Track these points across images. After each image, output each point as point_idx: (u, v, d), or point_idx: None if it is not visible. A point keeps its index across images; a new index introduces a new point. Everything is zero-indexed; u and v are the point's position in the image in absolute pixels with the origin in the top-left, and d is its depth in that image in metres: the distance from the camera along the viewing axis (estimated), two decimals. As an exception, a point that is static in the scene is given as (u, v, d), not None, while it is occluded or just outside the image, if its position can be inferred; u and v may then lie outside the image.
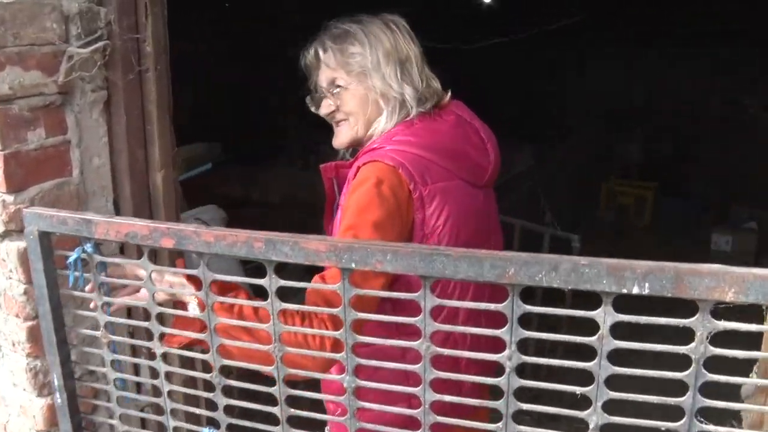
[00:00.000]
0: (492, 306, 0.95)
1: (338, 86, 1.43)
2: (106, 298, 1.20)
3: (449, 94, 1.50)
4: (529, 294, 0.93)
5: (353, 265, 0.97)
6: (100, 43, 1.32)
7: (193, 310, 1.17)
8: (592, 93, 8.92)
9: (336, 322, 1.10)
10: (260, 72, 6.78)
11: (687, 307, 0.92)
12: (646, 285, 0.87)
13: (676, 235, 6.87)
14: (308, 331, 1.12)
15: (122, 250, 1.48)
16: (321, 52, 1.44)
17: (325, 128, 1.57)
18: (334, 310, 1.03)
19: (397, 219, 1.29)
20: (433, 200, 1.32)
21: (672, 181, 7.70)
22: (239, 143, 6.42)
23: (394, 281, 1.30)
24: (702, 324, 0.86)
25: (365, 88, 1.42)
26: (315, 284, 1.13)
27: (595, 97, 8.86)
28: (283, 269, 1.02)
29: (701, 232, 6.80)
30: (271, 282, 1.03)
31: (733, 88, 7.82)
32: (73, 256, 1.16)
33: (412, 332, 1.02)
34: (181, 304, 1.21)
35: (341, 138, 1.49)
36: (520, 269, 0.91)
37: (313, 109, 1.51)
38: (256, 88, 7.13)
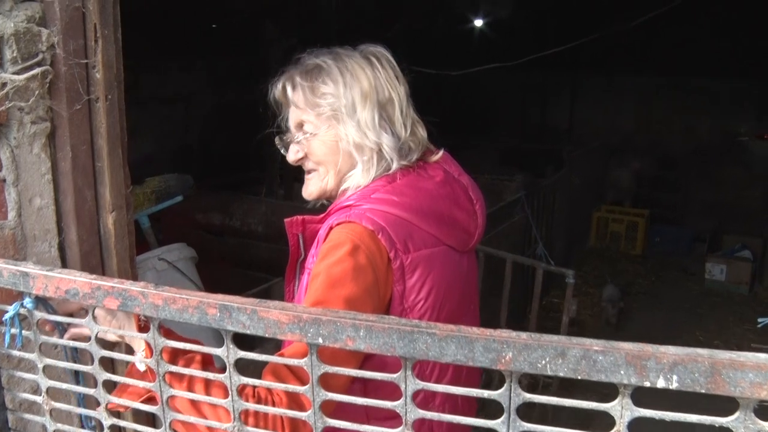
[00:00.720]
0: (486, 393, 0.79)
1: (307, 132, 1.25)
2: (48, 360, 1.04)
3: (441, 152, 1.32)
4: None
5: (320, 341, 0.81)
6: (38, 69, 1.16)
7: (139, 364, 1.02)
8: (584, 121, 8.92)
9: (298, 404, 0.94)
10: (242, 97, 6.69)
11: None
12: (674, 378, 0.70)
13: (668, 263, 6.78)
14: (271, 410, 0.93)
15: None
16: (289, 89, 1.27)
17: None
18: (300, 388, 0.86)
19: (374, 293, 1.11)
20: (415, 270, 1.15)
21: (663, 209, 7.64)
22: (218, 170, 6.28)
23: (367, 356, 1.12)
24: (744, 425, 0.70)
25: (336, 136, 1.23)
26: (276, 358, 0.95)
27: (587, 126, 8.85)
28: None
29: (694, 260, 6.72)
30: (228, 353, 0.88)
31: (724, 118, 7.81)
32: (8, 312, 1.03)
33: (385, 417, 0.89)
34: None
35: (309, 189, 1.31)
36: (520, 354, 0.75)
37: (282, 152, 1.35)
38: (236, 113, 7.03)
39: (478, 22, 7.75)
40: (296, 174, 4.40)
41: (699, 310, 5.59)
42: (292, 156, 1.30)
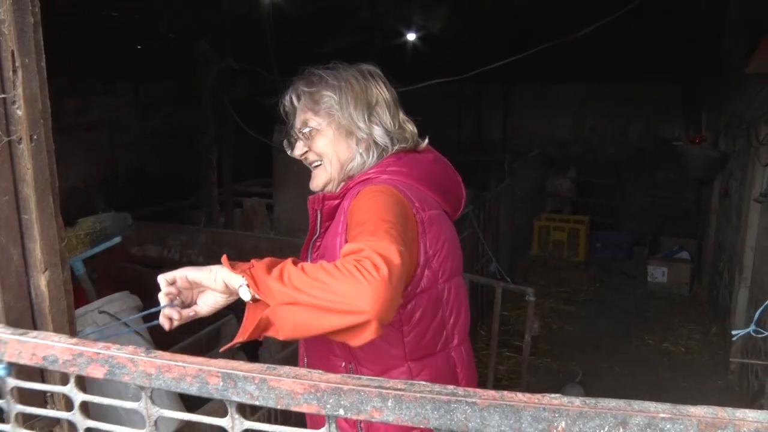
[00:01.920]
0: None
1: (309, 127, 1.48)
2: (24, 432, 0.93)
3: (426, 140, 1.57)
4: None
5: (341, 412, 0.71)
6: (-55, 110, 0.96)
7: (244, 295, 1.14)
8: (519, 131, 9.02)
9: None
10: (172, 120, 6.42)
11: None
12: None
13: (611, 268, 6.87)
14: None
15: None
16: (294, 98, 1.51)
17: (248, 178, 1.31)
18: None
19: (409, 225, 1.29)
20: (432, 225, 1.37)
21: (603, 216, 7.77)
22: (151, 199, 5.97)
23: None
24: None
25: (334, 128, 1.46)
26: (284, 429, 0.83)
27: (523, 135, 8.95)
28: None
29: (635, 264, 6.84)
30: (233, 425, 0.79)
31: (653, 123, 8.05)
32: None
33: (422, 356, 1.40)
34: None
35: (317, 180, 1.51)
36: (574, 423, 0.65)
37: (288, 152, 1.55)
38: (168, 137, 6.74)
39: (411, 37, 7.71)
40: (237, 200, 4.20)
41: (645, 313, 5.66)
42: (297, 151, 1.52)
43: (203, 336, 2.54)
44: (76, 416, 0.89)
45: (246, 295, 1.13)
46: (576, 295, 6.12)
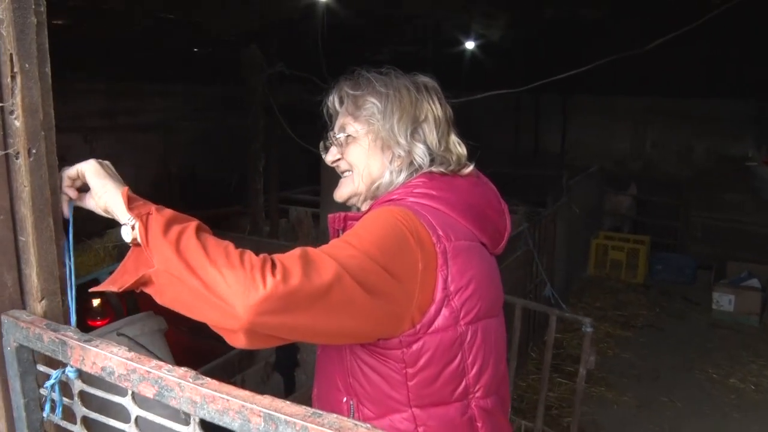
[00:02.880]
0: None
1: (346, 134, 1.36)
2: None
3: (472, 165, 1.39)
4: None
5: None
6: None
7: (126, 236, 1.04)
8: (577, 144, 8.71)
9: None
10: (224, 124, 6.39)
11: None
12: None
13: (672, 292, 6.52)
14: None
15: None
16: (337, 100, 1.39)
17: (291, 188, 1.17)
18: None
19: (405, 259, 1.12)
20: (457, 257, 1.19)
21: (664, 236, 7.40)
22: (201, 203, 5.95)
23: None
24: None
25: (371, 139, 1.33)
26: None
27: (581, 149, 8.64)
28: None
29: (698, 289, 6.46)
30: None
31: (722, 141, 7.64)
32: (50, 380, 1.00)
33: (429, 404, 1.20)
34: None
35: (341, 190, 1.39)
36: None
37: (323, 156, 1.44)
38: (219, 141, 6.72)
39: (470, 45, 7.52)
40: (282, 210, 4.09)
41: (708, 344, 5.30)
42: (330, 157, 1.40)
43: (236, 356, 2.42)
44: (132, 429, 0.92)
45: (127, 236, 1.03)
46: (634, 319, 5.80)
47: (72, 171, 1.09)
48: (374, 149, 1.33)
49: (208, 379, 0.80)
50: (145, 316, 1.60)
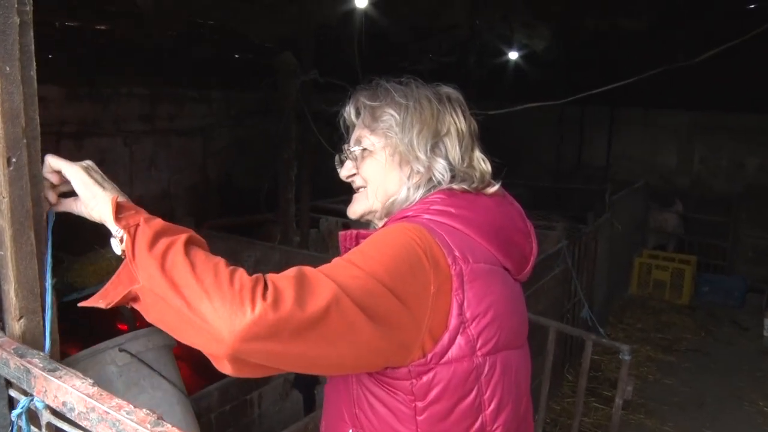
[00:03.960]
0: None
1: (362, 148, 1.27)
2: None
3: (498, 184, 1.28)
4: None
5: None
6: None
7: (116, 248, 0.98)
8: (622, 158, 8.46)
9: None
10: (260, 131, 6.38)
11: None
12: None
13: (719, 316, 6.23)
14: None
15: None
16: (353, 111, 1.31)
17: (325, 196, 1.07)
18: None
19: (416, 282, 1.02)
20: (475, 281, 1.08)
21: (712, 256, 7.10)
22: (236, 209, 5.95)
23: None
24: None
25: (389, 153, 1.24)
26: None
27: (625, 163, 8.39)
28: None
29: (748, 313, 6.17)
30: None
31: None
32: (17, 409, 0.92)
33: None
34: None
35: (355, 206, 1.30)
36: None
37: (338, 170, 1.34)
38: (255, 148, 6.72)
39: (513, 56, 7.38)
40: (314, 219, 4.03)
41: (758, 372, 5.03)
42: (345, 172, 1.31)
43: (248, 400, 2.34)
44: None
45: (116, 249, 0.98)
46: (677, 343, 5.55)
47: (56, 165, 1.01)
48: (391, 164, 1.24)
49: (169, 425, 0.72)
50: (151, 331, 1.53)
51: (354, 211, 1.31)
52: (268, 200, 4.11)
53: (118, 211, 0.98)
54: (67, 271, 2.05)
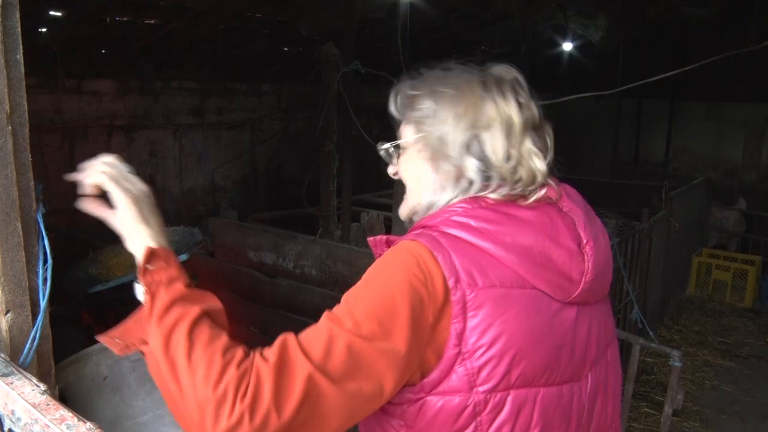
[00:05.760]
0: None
1: (397, 143, 1.18)
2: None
3: (548, 186, 1.10)
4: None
5: None
6: None
7: (140, 296, 0.96)
8: (682, 153, 8.13)
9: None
10: (308, 124, 6.38)
11: None
12: None
13: (785, 321, 5.89)
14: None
15: None
16: (392, 101, 1.18)
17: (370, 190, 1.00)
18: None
19: (420, 313, 0.94)
20: (480, 308, 0.96)
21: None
22: (284, 202, 5.97)
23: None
24: None
25: (421, 147, 1.12)
26: None
27: (685, 157, 8.05)
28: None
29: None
30: None
31: None
32: None
33: None
34: None
35: (402, 207, 1.20)
36: None
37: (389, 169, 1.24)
38: (303, 141, 6.73)
39: (567, 47, 7.16)
40: (355, 213, 3.98)
41: (825, 382, 4.73)
42: (391, 169, 1.22)
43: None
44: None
45: (139, 295, 0.97)
46: (738, 348, 5.27)
47: (98, 181, 1.00)
48: (423, 159, 1.12)
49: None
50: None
51: (401, 212, 1.21)
52: (311, 194, 4.08)
53: (149, 259, 0.97)
54: (93, 263, 2.06)
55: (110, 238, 1.09)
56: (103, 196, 1.01)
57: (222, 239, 4.48)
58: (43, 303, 0.95)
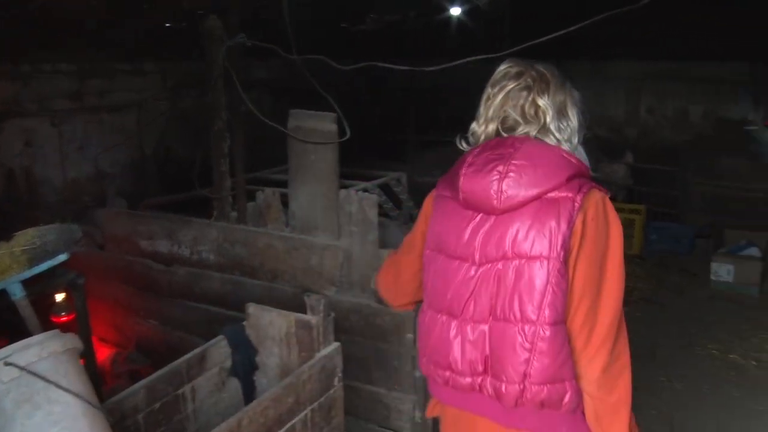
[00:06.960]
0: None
1: None
2: None
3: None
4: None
5: None
6: None
7: None
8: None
9: None
10: (198, 102, 6.11)
11: None
12: None
13: (669, 264, 6.30)
14: None
15: None
16: None
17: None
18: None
19: (424, 209, 1.71)
20: (436, 203, 1.63)
21: (660, 205, 7.15)
22: (175, 186, 5.71)
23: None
24: None
25: None
26: None
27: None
28: None
29: (696, 260, 6.25)
30: None
31: (719, 105, 7.37)
32: None
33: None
34: None
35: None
36: None
37: None
38: (193, 121, 6.45)
39: (456, 11, 7.19)
40: (251, 192, 3.84)
41: (708, 317, 5.09)
42: None
43: (183, 364, 2.18)
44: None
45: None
46: (628, 293, 5.55)
47: None
48: None
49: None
50: (47, 338, 1.36)
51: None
52: (205, 175, 3.90)
53: None
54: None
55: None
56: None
57: (112, 230, 4.24)
58: None
